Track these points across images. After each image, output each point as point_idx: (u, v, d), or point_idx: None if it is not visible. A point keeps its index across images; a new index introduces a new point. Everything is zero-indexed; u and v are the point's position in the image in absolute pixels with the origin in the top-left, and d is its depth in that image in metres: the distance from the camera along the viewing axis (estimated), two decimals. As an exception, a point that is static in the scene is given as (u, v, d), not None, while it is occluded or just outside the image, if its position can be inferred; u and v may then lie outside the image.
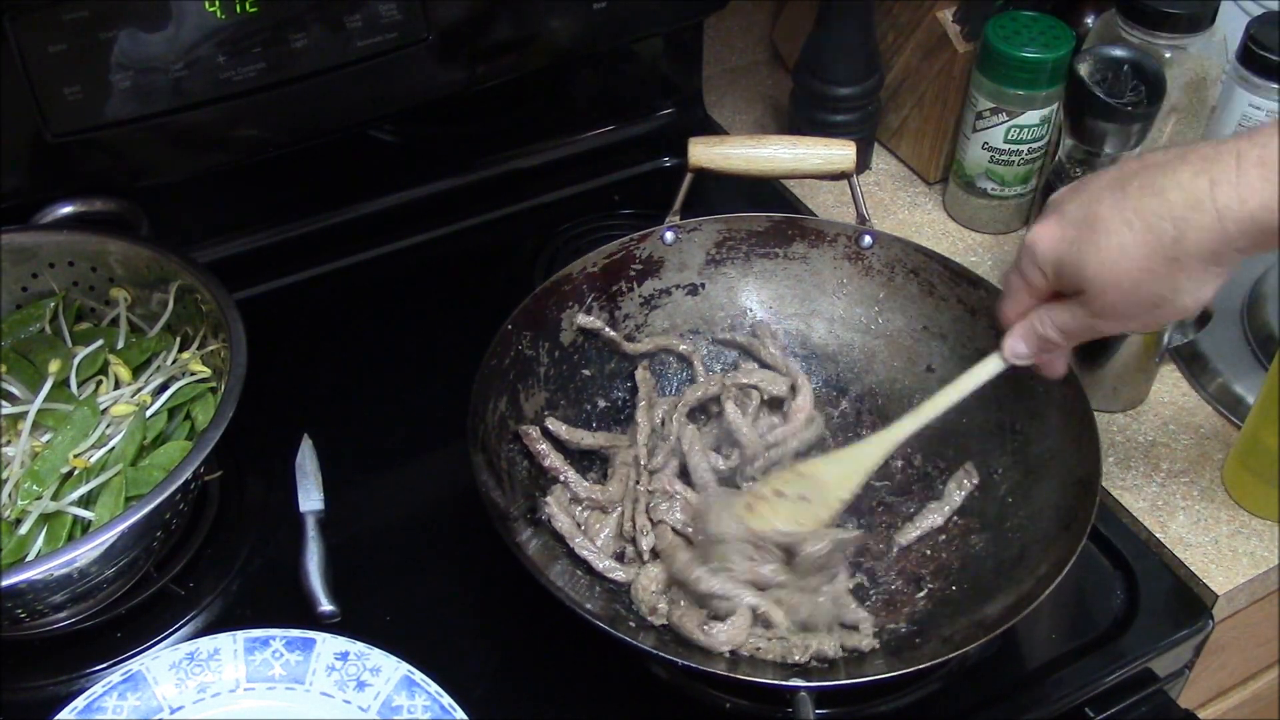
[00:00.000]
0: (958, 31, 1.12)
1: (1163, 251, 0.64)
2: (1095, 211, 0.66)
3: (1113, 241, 0.65)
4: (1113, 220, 0.65)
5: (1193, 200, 0.63)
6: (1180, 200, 0.63)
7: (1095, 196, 0.67)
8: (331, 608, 0.83)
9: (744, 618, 0.78)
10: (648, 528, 0.84)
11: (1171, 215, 0.63)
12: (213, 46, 0.88)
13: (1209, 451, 0.97)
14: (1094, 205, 0.66)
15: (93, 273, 0.92)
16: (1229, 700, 1.11)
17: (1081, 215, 0.67)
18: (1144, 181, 0.65)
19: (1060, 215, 0.69)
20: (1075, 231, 0.67)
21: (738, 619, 0.77)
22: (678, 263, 0.96)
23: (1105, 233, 0.66)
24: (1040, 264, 0.70)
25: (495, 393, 0.85)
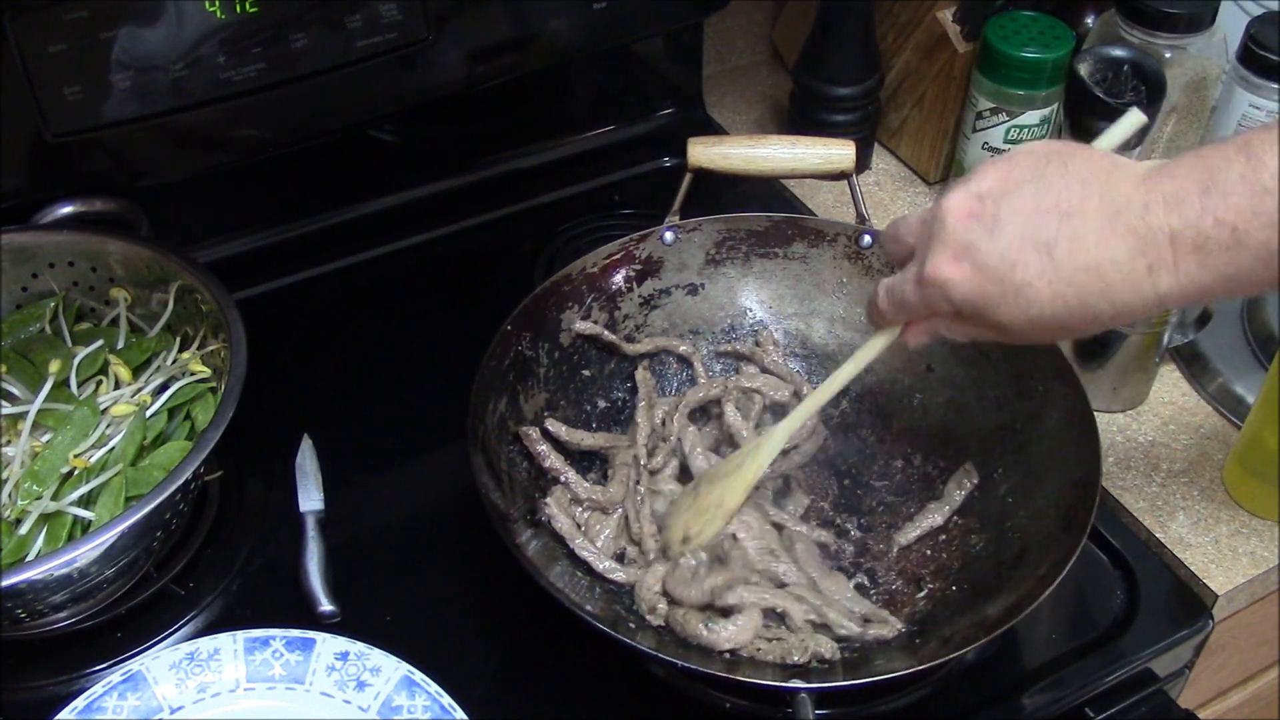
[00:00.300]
0: (958, 31, 1.12)
1: (1095, 322, 0.62)
2: (1021, 278, 0.61)
3: (1044, 311, 0.62)
4: (1043, 291, 0.61)
5: (1132, 285, 0.60)
6: (1119, 283, 0.60)
7: (1016, 255, 0.61)
8: (331, 608, 0.83)
9: (752, 618, 0.78)
10: (654, 531, 0.84)
11: (1110, 298, 0.61)
12: (213, 46, 0.88)
13: (1209, 451, 0.97)
14: (1018, 267, 0.61)
15: (93, 273, 0.92)
16: (1229, 700, 1.11)
17: (1003, 273, 0.62)
18: (1071, 247, 0.60)
19: (975, 263, 0.63)
20: (997, 290, 0.63)
21: (745, 618, 0.77)
22: (677, 263, 0.96)
23: (1034, 303, 0.62)
24: (953, 304, 0.65)
25: (495, 393, 0.85)
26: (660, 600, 0.80)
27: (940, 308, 0.67)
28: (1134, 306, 0.61)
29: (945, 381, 0.93)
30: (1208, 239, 0.58)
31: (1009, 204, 0.62)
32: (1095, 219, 0.60)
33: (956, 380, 0.92)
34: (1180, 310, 0.93)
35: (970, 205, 0.63)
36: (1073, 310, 0.62)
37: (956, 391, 0.92)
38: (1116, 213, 0.60)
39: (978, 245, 0.63)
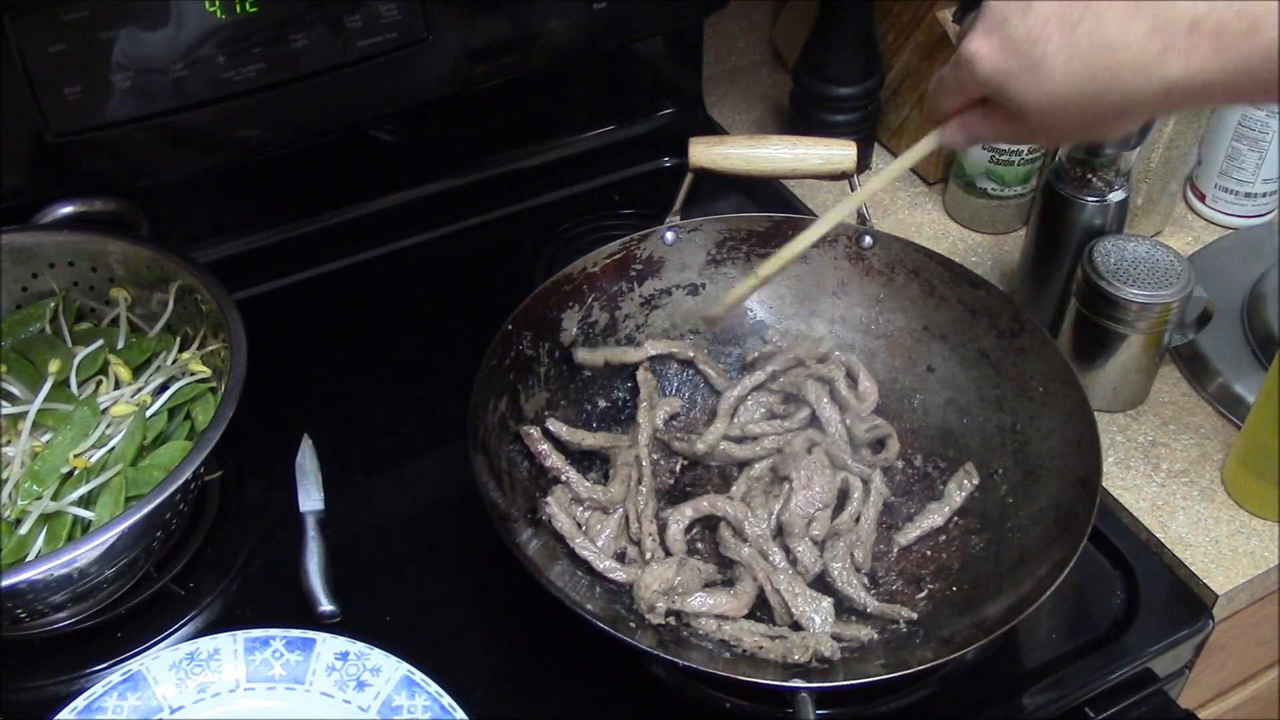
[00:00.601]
0: (958, 31, 1.12)
1: (1105, 105, 0.64)
2: (1041, 51, 0.64)
3: (1058, 87, 0.64)
4: (1058, 67, 0.63)
5: (1141, 67, 0.61)
6: (1129, 63, 0.61)
7: (1042, 29, 0.64)
8: (331, 608, 0.83)
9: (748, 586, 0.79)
10: (654, 530, 0.84)
11: (1119, 79, 0.62)
12: (213, 46, 0.88)
13: (1209, 451, 0.97)
14: (1040, 42, 0.64)
15: (93, 273, 0.92)
16: (1229, 700, 1.11)
17: (1026, 48, 0.65)
18: (1094, 25, 0.63)
19: (1003, 37, 0.66)
20: (1018, 64, 0.65)
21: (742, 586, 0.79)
22: (678, 263, 0.96)
23: (1049, 77, 0.64)
24: (980, 82, 0.68)
25: (495, 393, 0.85)
26: (660, 599, 0.80)
27: (970, 88, 0.69)
28: (1140, 91, 0.62)
29: (946, 382, 0.93)
30: (1226, 27, 0.59)
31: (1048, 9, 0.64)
32: (1122, 14, 0.62)
33: (957, 381, 0.92)
34: (1180, 310, 0.93)
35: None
36: (1082, 89, 0.63)
37: (957, 392, 0.92)
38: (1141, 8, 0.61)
39: (1011, 21, 0.65)
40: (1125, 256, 0.92)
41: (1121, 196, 0.96)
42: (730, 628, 0.79)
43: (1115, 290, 0.91)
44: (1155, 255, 0.92)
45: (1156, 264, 0.92)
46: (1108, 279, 0.91)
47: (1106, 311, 0.92)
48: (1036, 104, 0.65)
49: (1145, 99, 0.62)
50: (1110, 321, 0.93)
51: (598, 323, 0.94)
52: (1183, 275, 0.91)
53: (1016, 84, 0.65)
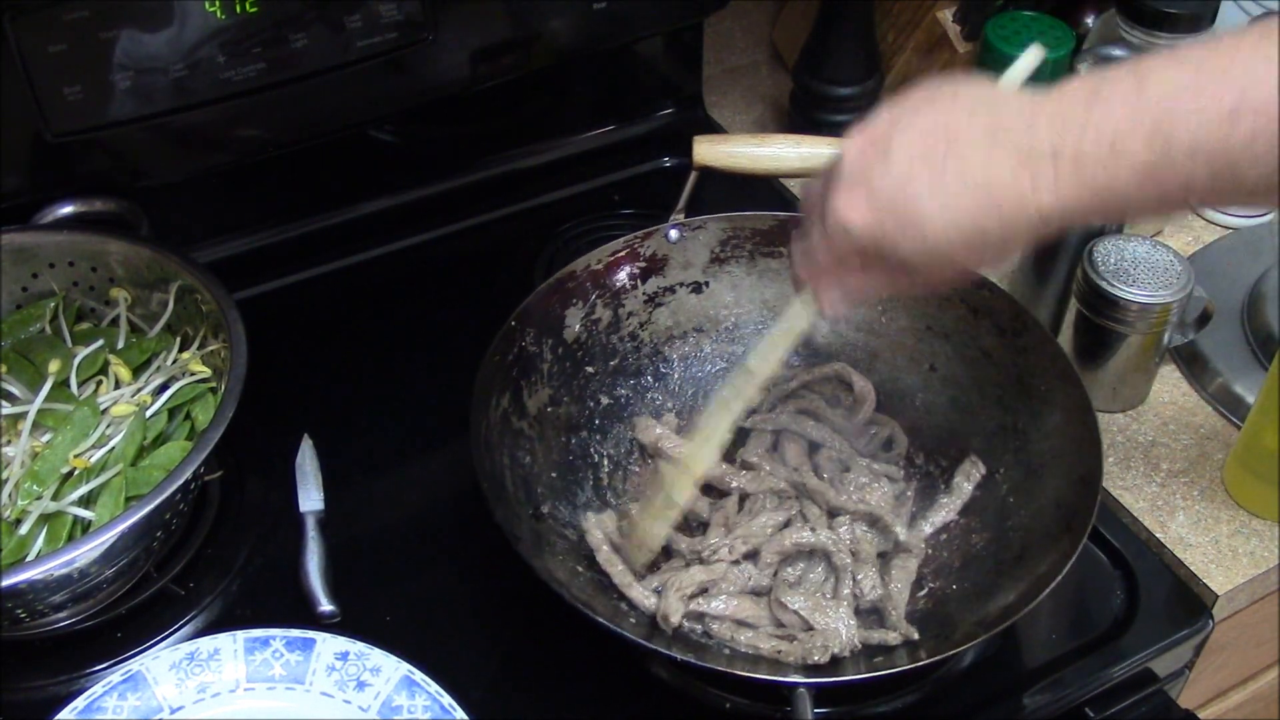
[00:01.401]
0: (958, 31, 1.12)
1: (988, 243, 0.63)
2: (913, 203, 0.62)
3: (939, 234, 0.63)
4: (936, 217, 0.62)
5: (1016, 201, 0.61)
6: (1004, 198, 0.61)
7: (906, 179, 0.62)
8: (331, 608, 0.83)
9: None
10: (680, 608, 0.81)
11: (998, 215, 0.61)
12: (213, 47, 0.88)
13: (1209, 451, 0.97)
14: (908, 190, 0.62)
15: (93, 273, 0.92)
16: (1229, 700, 1.11)
17: (897, 200, 0.63)
18: (960, 168, 0.61)
19: (869, 192, 0.64)
20: (892, 218, 0.63)
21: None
22: (682, 261, 0.97)
23: (930, 228, 0.62)
24: (853, 242, 0.66)
25: (498, 389, 0.85)
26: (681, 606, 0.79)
27: (843, 250, 0.67)
28: (1020, 224, 0.61)
29: (948, 381, 0.93)
30: (1087, 153, 0.58)
31: (899, 135, 0.63)
32: (981, 139, 0.61)
33: (959, 380, 0.92)
34: (1180, 310, 0.93)
35: (863, 143, 0.65)
36: (964, 231, 0.62)
37: (959, 391, 0.92)
38: (1002, 131, 0.61)
39: (871, 177, 0.64)
40: (1125, 256, 0.92)
41: (1121, 196, 0.96)
42: (747, 635, 0.79)
43: (1115, 290, 0.91)
44: (1155, 255, 0.92)
45: (1156, 264, 0.92)
46: (1108, 279, 0.91)
47: (1106, 311, 0.92)
48: (921, 254, 0.64)
49: (1024, 229, 0.62)
50: (1110, 321, 0.93)
51: (601, 320, 0.94)
52: (1183, 275, 0.91)
53: (897, 239, 0.64)
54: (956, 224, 0.62)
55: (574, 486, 0.89)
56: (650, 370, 0.97)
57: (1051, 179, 0.59)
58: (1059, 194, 0.60)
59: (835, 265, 0.69)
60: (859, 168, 0.65)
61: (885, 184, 0.63)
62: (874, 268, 0.67)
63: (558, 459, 0.89)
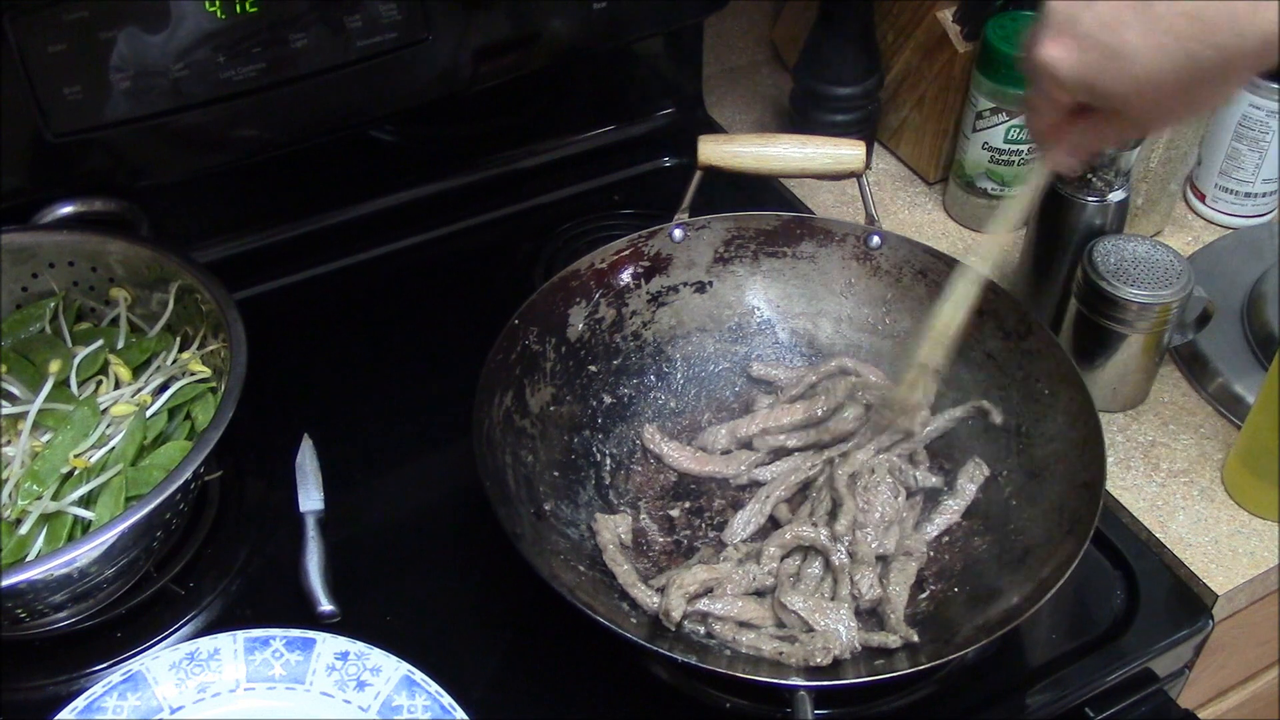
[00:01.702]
0: (958, 31, 1.12)
1: (1206, 75, 0.60)
2: (1120, 37, 0.60)
3: (1149, 69, 0.61)
4: (1145, 49, 0.60)
5: (1233, 23, 0.58)
6: (1219, 22, 0.58)
7: (1114, 15, 0.61)
8: (331, 608, 0.83)
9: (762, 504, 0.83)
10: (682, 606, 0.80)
11: (1212, 41, 0.59)
12: (213, 47, 0.88)
13: (1209, 451, 0.97)
14: (1116, 29, 0.60)
15: (93, 273, 0.92)
16: (1229, 700, 1.11)
17: (1104, 38, 0.61)
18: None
19: (1075, 34, 0.62)
20: (1099, 57, 0.62)
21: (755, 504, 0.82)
22: (686, 260, 0.96)
23: (1140, 62, 0.60)
24: (1065, 87, 0.65)
25: (501, 387, 0.85)
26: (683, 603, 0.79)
27: (1059, 98, 0.66)
28: (1239, 50, 0.59)
29: (951, 383, 0.93)
30: None
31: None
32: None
33: (963, 382, 0.92)
34: (1180, 310, 0.93)
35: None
36: (1176, 63, 0.60)
37: (963, 394, 0.92)
38: None
39: (1077, 17, 0.63)
40: (1125, 256, 0.92)
41: (1121, 196, 0.96)
42: (750, 637, 0.79)
43: (1115, 290, 0.91)
44: (1155, 255, 0.92)
45: (1156, 264, 0.92)
46: (1108, 279, 0.91)
47: (1106, 311, 0.92)
48: (1134, 93, 0.62)
49: (1245, 57, 0.59)
50: (1110, 321, 0.93)
51: (604, 319, 0.94)
52: (1183, 275, 0.91)
53: (1104, 78, 0.62)
54: (1167, 54, 0.60)
55: (576, 486, 0.89)
56: (653, 369, 0.97)
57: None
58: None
59: (1056, 116, 0.68)
60: (1064, 11, 0.63)
61: (1091, 23, 0.62)
62: (1092, 117, 0.66)
63: (560, 458, 0.89)
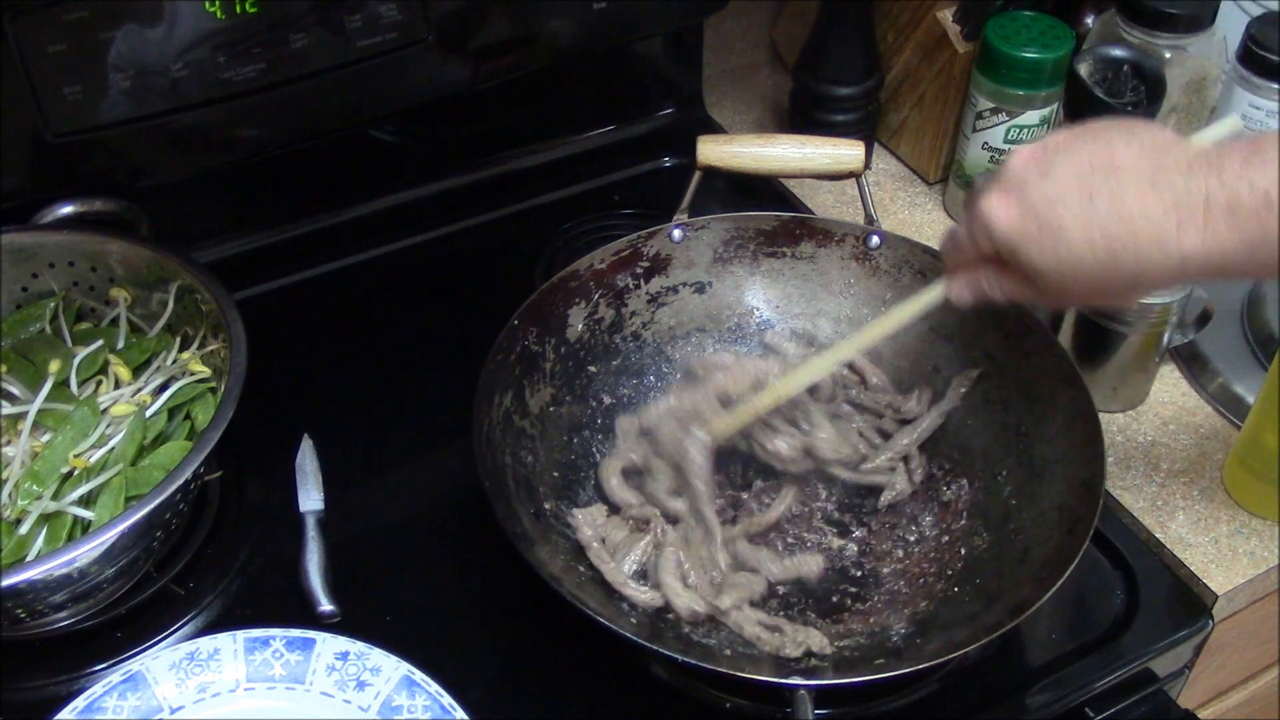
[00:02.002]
0: (958, 31, 1.12)
1: (1118, 274, 0.65)
2: (1059, 216, 0.65)
3: (1073, 254, 0.65)
4: (1075, 235, 0.65)
5: (1158, 240, 0.63)
6: (1147, 236, 0.63)
7: (1060, 195, 0.66)
8: (331, 608, 0.83)
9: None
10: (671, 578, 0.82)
11: (1135, 250, 0.64)
12: (213, 47, 0.88)
13: (1209, 451, 0.97)
14: (1058, 207, 0.66)
15: (93, 273, 0.92)
16: (1229, 700, 1.11)
17: (1043, 212, 0.66)
18: (1112, 197, 0.64)
19: (1021, 198, 0.67)
20: (1035, 227, 0.67)
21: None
22: (685, 260, 0.97)
23: (1066, 244, 0.65)
24: (994, 240, 0.69)
25: (500, 388, 0.85)
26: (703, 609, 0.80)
27: (984, 246, 0.70)
28: (1156, 264, 0.64)
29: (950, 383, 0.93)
30: (1241, 202, 0.61)
31: (1066, 156, 0.67)
32: (1140, 178, 0.64)
33: (961, 382, 0.92)
34: (1180, 310, 0.93)
35: (1033, 152, 0.68)
36: (1100, 259, 0.65)
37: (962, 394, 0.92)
38: (1161, 172, 0.63)
39: (1028, 185, 0.67)
40: (1125, 256, 0.92)
41: (1122, 196, 0.96)
42: (735, 614, 0.79)
43: (1115, 290, 0.91)
44: (1155, 255, 0.92)
45: (1157, 264, 0.92)
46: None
47: (1106, 311, 0.92)
48: (1052, 269, 0.67)
49: (1160, 271, 0.64)
50: (1110, 321, 0.93)
51: (604, 319, 0.94)
52: (1183, 275, 0.91)
53: (1033, 246, 0.67)
54: (1092, 247, 0.65)
55: (575, 486, 0.89)
56: (653, 370, 0.97)
57: (1200, 223, 0.62)
58: (1205, 240, 0.62)
59: (975, 258, 0.72)
60: (1019, 175, 0.68)
61: (1038, 195, 0.67)
62: (1008, 271, 0.71)
63: (559, 458, 0.89)
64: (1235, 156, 0.62)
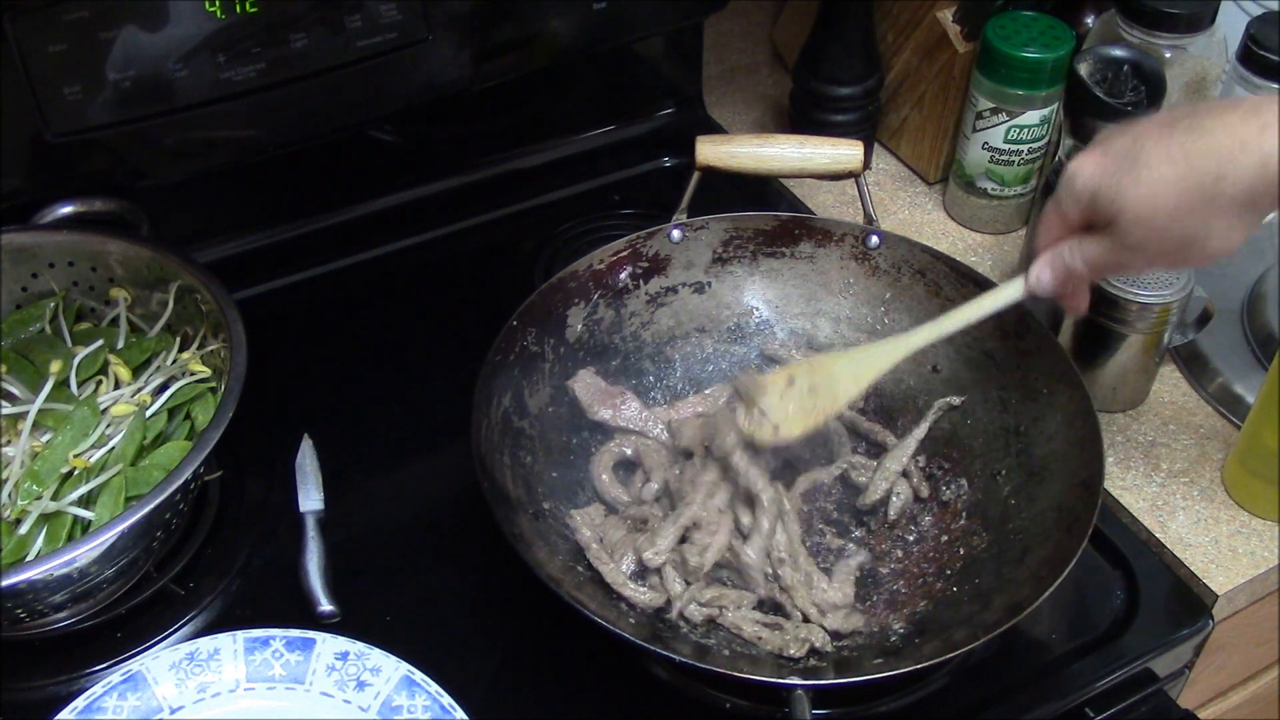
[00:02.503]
0: (958, 31, 1.12)
1: (1202, 190, 0.65)
2: (1140, 146, 0.67)
3: (1153, 175, 0.66)
4: (1156, 154, 0.66)
5: (1239, 142, 0.63)
6: (1227, 141, 0.64)
7: (1142, 132, 0.67)
8: (331, 608, 0.83)
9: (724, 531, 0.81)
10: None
11: (1216, 154, 0.64)
12: (213, 47, 0.88)
13: (1209, 451, 0.97)
14: (1139, 140, 0.67)
15: (93, 273, 0.92)
16: (1229, 700, 1.11)
17: (1125, 149, 0.67)
18: (1192, 123, 0.65)
19: (1104, 148, 0.69)
20: (1116, 163, 0.67)
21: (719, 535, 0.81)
22: (684, 261, 0.96)
23: (1146, 166, 0.66)
24: (1078, 193, 0.70)
25: (500, 388, 0.85)
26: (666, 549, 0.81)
27: (1070, 212, 0.71)
28: (1238, 166, 0.64)
29: (950, 384, 0.93)
30: None
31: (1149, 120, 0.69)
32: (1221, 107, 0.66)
33: (961, 382, 0.92)
34: (1180, 310, 0.93)
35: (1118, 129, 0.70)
36: (1180, 172, 0.65)
37: (961, 393, 0.92)
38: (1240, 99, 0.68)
39: (1112, 139, 0.69)
40: (1125, 256, 0.92)
41: (1122, 196, 0.96)
42: (732, 615, 0.80)
43: (1115, 290, 0.91)
44: (1155, 255, 0.92)
45: (1157, 264, 0.92)
46: (1108, 279, 0.91)
47: (1106, 311, 0.92)
48: (1133, 201, 0.67)
49: (1243, 174, 0.64)
50: (1110, 321, 0.93)
51: (603, 320, 0.94)
52: (1183, 275, 0.91)
53: (1115, 182, 0.67)
54: (1173, 162, 0.65)
55: (575, 486, 0.89)
56: (652, 370, 0.97)
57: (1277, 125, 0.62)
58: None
59: (1060, 229, 0.73)
60: (1107, 135, 0.70)
61: (1121, 138, 0.68)
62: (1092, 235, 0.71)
63: (558, 458, 0.89)
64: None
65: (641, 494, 0.86)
